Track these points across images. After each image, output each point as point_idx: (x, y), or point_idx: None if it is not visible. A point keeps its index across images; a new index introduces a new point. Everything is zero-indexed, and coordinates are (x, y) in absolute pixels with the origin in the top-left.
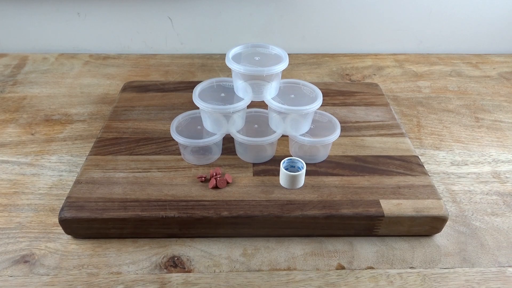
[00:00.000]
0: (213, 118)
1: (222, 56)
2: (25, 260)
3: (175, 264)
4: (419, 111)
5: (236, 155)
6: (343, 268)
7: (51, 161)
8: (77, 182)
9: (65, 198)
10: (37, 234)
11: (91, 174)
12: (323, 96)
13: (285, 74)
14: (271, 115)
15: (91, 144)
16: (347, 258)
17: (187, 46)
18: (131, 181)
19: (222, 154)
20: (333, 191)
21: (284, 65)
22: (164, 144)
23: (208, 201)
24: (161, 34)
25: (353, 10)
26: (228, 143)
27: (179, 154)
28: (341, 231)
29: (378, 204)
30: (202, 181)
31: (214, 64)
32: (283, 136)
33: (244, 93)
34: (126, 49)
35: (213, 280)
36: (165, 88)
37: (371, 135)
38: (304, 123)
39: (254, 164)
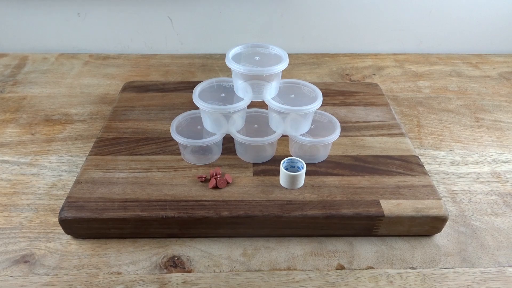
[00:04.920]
0: (213, 118)
1: (222, 56)
2: (25, 260)
3: (175, 264)
4: (419, 111)
5: (236, 155)
6: (343, 268)
7: (51, 161)
8: (77, 182)
9: (65, 198)
10: (37, 234)
11: (91, 174)
12: (323, 96)
13: (285, 74)
14: (271, 115)
15: (91, 144)
16: (347, 258)
17: (187, 46)
18: (131, 181)
19: (222, 154)
20: (333, 191)
21: (284, 65)
22: (164, 144)
23: (208, 201)
24: (161, 34)
25: (353, 10)
26: (228, 143)
27: (179, 154)
28: (341, 231)
29: (378, 204)
30: (202, 181)
31: (214, 64)
32: (283, 136)
33: (244, 93)
34: (126, 49)
35: (213, 280)
36: (165, 88)
37: (371, 135)
38: (304, 123)
39: (254, 164)
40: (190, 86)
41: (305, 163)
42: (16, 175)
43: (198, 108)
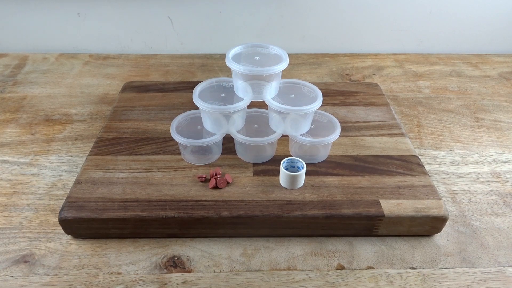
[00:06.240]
0: (213, 118)
1: (222, 56)
2: (25, 260)
3: (175, 264)
4: (419, 111)
5: (236, 155)
6: (343, 268)
7: (51, 161)
8: (77, 182)
9: (65, 198)
10: (37, 234)
11: (91, 174)
12: (323, 96)
13: (285, 74)
14: (271, 115)
15: (91, 144)
16: (347, 258)
17: (187, 46)
18: (131, 181)
19: (222, 154)
20: (333, 191)
21: (284, 65)
22: (164, 144)
23: (208, 201)
24: (161, 34)
25: (353, 10)
26: (228, 143)
27: (179, 154)
28: (341, 231)
29: (378, 204)
30: (202, 181)
31: (214, 64)
32: (283, 136)
33: (244, 93)
34: (126, 49)
35: (213, 280)
36: (165, 88)
37: (371, 135)
38: (304, 123)
39: (254, 164)
40: (190, 86)
41: (305, 163)
42: (16, 175)
43: (198, 108)
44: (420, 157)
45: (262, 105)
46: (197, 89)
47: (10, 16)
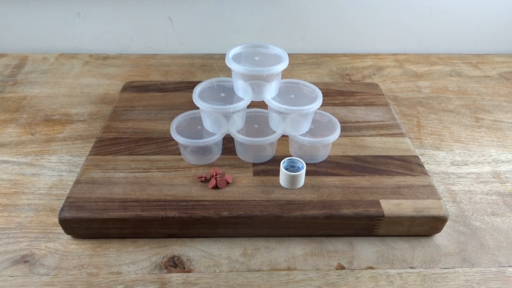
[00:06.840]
0: (213, 118)
1: (222, 56)
2: (25, 260)
3: (175, 264)
4: (419, 111)
5: (236, 155)
6: (343, 268)
7: (51, 161)
8: (77, 182)
9: (65, 198)
10: (37, 234)
11: (91, 174)
12: (323, 96)
13: (285, 74)
14: (271, 115)
15: (91, 144)
16: (347, 258)
17: (187, 46)
18: (131, 181)
19: (222, 154)
20: (333, 191)
21: (284, 65)
22: (164, 144)
23: (208, 201)
24: (161, 34)
25: (353, 10)
26: (228, 143)
27: (179, 154)
28: (341, 231)
29: (378, 204)
30: (202, 181)
31: (214, 64)
32: (283, 136)
33: (244, 93)
34: (126, 49)
35: (213, 280)
36: (165, 88)
37: (371, 135)
38: (304, 123)
39: (254, 164)
40: (190, 86)
41: (305, 163)
42: (16, 175)
43: (198, 108)
44: (420, 157)
45: (262, 105)
46: (197, 89)
47: (10, 16)
